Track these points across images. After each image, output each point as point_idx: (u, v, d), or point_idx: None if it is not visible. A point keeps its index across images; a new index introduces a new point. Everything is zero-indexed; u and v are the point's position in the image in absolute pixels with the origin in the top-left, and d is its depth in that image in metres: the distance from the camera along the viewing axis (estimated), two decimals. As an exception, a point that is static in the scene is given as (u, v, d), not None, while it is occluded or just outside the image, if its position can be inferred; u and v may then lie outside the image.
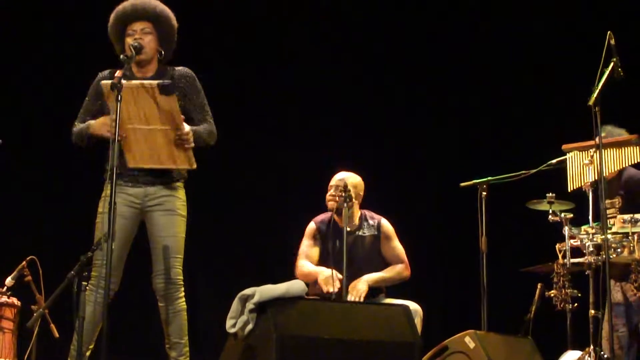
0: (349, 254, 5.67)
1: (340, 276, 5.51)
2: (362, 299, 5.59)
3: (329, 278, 5.56)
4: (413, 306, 5.44)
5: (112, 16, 5.04)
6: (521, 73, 8.02)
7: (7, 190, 6.80)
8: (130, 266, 4.96)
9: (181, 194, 5.00)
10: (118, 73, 4.58)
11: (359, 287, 5.64)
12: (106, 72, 5.03)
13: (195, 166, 4.88)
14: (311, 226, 5.99)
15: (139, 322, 6.62)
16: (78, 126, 4.96)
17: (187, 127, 4.81)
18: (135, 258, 4.98)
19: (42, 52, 7.63)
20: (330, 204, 5.83)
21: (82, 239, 4.90)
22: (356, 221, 5.92)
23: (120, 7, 5.03)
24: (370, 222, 5.94)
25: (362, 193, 5.98)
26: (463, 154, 7.95)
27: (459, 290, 7.29)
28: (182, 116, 4.80)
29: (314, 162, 7.52)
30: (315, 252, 5.93)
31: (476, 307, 5.83)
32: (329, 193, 5.90)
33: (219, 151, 5.25)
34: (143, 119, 4.68)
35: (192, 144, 4.82)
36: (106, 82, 4.66)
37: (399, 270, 5.86)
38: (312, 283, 5.72)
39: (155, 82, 4.73)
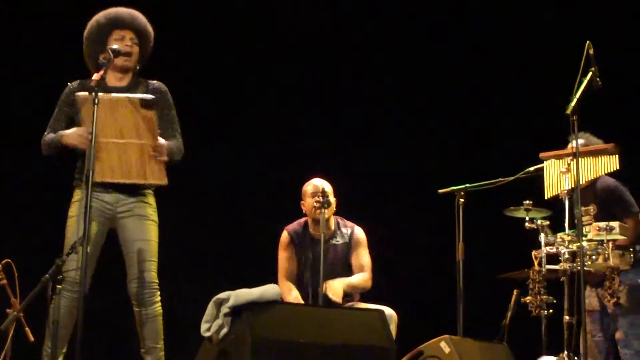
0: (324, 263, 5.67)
1: None
2: (340, 299, 5.60)
3: None
4: (388, 311, 5.45)
5: (103, 16, 5.05)
6: (499, 82, 8.05)
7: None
8: (104, 273, 4.94)
9: (152, 200, 5.02)
10: (96, 76, 4.59)
11: (336, 287, 5.63)
12: (75, 82, 5.04)
13: (166, 182, 4.88)
14: (284, 236, 5.99)
15: (112, 328, 6.58)
16: (49, 136, 4.95)
17: (162, 141, 4.84)
18: (109, 265, 4.97)
19: (10, 61, 7.58)
20: (317, 211, 5.77)
21: (58, 243, 4.88)
22: (332, 228, 5.92)
23: (112, 10, 5.06)
24: (344, 230, 5.93)
25: (335, 199, 5.98)
26: (441, 160, 7.96)
27: (436, 296, 7.30)
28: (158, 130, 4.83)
29: (289, 167, 7.53)
30: (293, 265, 5.92)
31: (452, 313, 5.84)
32: (312, 199, 5.86)
33: (198, 155, 5.25)
34: (118, 132, 4.68)
35: (166, 158, 4.84)
36: (82, 94, 4.67)
37: (365, 278, 5.86)
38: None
39: (138, 95, 4.76)
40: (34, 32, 7.51)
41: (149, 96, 4.82)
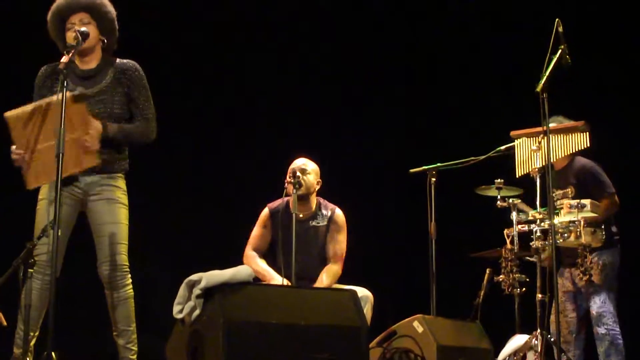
0: (301, 242, 5.68)
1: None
2: None
3: None
4: (364, 292, 5.46)
5: (49, 15, 5.02)
6: (471, 60, 8.07)
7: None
8: (75, 256, 4.93)
9: (122, 184, 4.99)
10: (64, 59, 4.57)
11: None
12: (46, 66, 5.02)
13: (97, 163, 4.79)
14: (265, 212, 5.98)
15: (84, 310, 6.57)
16: None
17: (94, 130, 4.78)
18: (80, 248, 4.96)
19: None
20: (288, 188, 5.77)
21: (29, 226, 4.86)
22: (312, 209, 5.93)
23: (54, 4, 5.02)
24: (324, 212, 5.92)
25: (319, 180, 5.98)
26: (413, 140, 7.98)
27: (410, 276, 7.33)
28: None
29: (268, 148, 7.52)
30: (264, 241, 5.92)
31: (427, 292, 5.86)
32: (287, 178, 5.86)
33: (174, 137, 5.24)
34: (50, 134, 4.57)
35: (97, 147, 4.76)
36: (11, 114, 4.65)
37: (334, 272, 5.78)
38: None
39: (68, 94, 4.65)
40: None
41: (77, 92, 4.76)
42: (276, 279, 5.65)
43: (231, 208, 7.62)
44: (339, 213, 5.94)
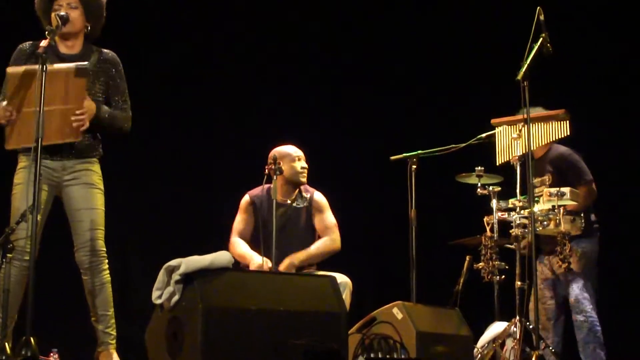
0: (283, 226, 5.70)
1: (270, 264, 5.53)
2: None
3: (260, 267, 5.57)
4: (342, 278, 5.48)
5: None
6: (452, 47, 8.06)
7: None
8: (52, 241, 4.92)
9: (97, 168, 4.99)
10: (44, 43, 4.54)
11: (285, 266, 5.66)
12: (27, 43, 4.97)
13: (80, 138, 4.80)
14: (245, 199, 5.99)
15: (63, 295, 6.55)
16: None
17: (89, 106, 4.78)
18: (56, 232, 4.94)
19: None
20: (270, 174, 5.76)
21: (5, 212, 4.84)
22: (294, 194, 5.94)
23: None
24: (304, 195, 5.95)
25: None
26: (393, 127, 7.97)
27: (390, 262, 7.33)
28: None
29: (250, 134, 7.50)
30: (248, 227, 5.94)
31: (406, 279, 5.87)
32: (300, 165, 5.86)
33: (151, 122, 5.22)
34: (45, 101, 4.46)
35: (87, 126, 4.77)
36: (13, 69, 4.63)
37: (326, 243, 5.83)
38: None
39: (73, 65, 4.69)
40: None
41: (84, 63, 4.76)
42: (256, 258, 5.66)
43: (211, 193, 7.60)
44: (318, 195, 5.98)
